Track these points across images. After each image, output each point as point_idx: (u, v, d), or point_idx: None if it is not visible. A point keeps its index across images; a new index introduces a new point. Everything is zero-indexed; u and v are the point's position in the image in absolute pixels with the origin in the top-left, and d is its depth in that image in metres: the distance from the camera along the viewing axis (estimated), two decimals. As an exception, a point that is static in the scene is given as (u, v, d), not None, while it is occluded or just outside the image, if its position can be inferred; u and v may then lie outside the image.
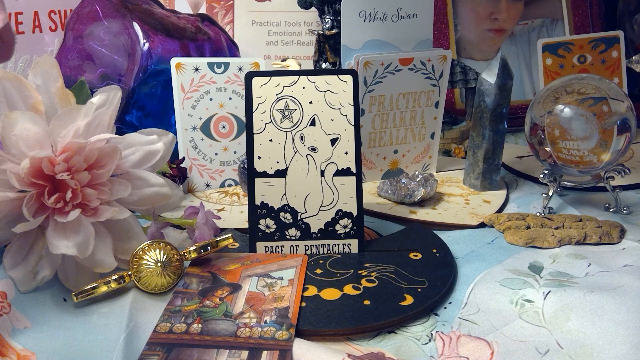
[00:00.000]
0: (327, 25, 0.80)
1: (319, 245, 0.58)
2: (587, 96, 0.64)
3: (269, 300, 0.50)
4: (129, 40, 0.75)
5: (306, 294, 0.51)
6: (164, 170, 0.70)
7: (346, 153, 0.59)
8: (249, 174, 0.58)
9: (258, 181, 0.58)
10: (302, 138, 0.58)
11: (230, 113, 0.75)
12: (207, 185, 0.77)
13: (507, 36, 1.00)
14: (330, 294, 0.51)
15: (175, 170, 0.71)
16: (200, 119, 0.74)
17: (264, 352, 0.44)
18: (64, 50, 0.78)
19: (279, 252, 0.58)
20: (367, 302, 0.50)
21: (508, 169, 0.83)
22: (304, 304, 0.50)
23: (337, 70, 0.62)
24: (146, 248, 0.52)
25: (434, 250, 0.58)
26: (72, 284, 0.51)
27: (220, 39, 0.83)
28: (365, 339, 0.47)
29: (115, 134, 0.53)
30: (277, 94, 0.59)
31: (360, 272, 0.55)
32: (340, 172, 0.59)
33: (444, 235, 0.62)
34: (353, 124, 0.59)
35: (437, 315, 0.50)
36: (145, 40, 0.74)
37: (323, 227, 0.58)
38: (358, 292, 0.51)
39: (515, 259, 0.58)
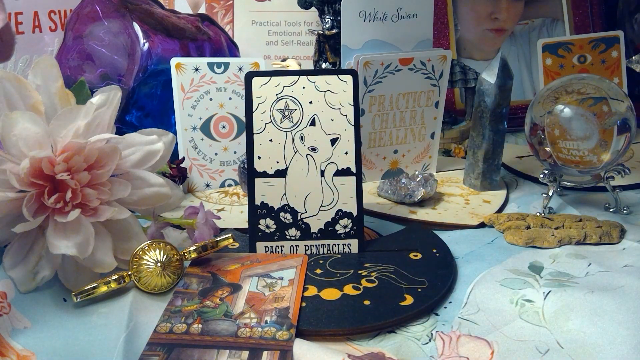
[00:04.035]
0: (327, 25, 0.80)
1: (319, 245, 0.58)
2: (587, 96, 0.64)
3: (269, 300, 0.50)
4: (129, 40, 0.75)
5: (306, 294, 0.51)
6: (164, 170, 0.70)
7: (346, 153, 0.59)
8: (249, 174, 0.58)
9: (258, 181, 0.58)
10: (302, 138, 0.58)
11: (230, 113, 0.75)
12: (207, 185, 0.77)
13: (507, 36, 1.00)
14: (330, 294, 0.51)
15: (175, 170, 0.71)
16: (200, 119, 0.74)
17: (265, 353, 0.44)
18: (64, 50, 0.78)
19: (279, 252, 0.58)
20: (367, 302, 0.50)
21: (508, 169, 0.83)
22: (304, 304, 0.50)
23: (337, 70, 0.62)
24: (146, 248, 0.52)
25: (434, 250, 0.58)
26: (72, 284, 0.51)
27: (220, 39, 0.83)
28: (365, 339, 0.47)
29: (115, 134, 0.53)
30: (277, 94, 0.59)
31: (360, 272, 0.55)
32: (340, 172, 0.59)
33: (444, 235, 0.62)
34: (353, 124, 0.59)
35: (437, 315, 0.50)
36: (145, 40, 0.74)
37: (323, 227, 0.58)
38: (358, 292, 0.51)
39: (515, 259, 0.58)
